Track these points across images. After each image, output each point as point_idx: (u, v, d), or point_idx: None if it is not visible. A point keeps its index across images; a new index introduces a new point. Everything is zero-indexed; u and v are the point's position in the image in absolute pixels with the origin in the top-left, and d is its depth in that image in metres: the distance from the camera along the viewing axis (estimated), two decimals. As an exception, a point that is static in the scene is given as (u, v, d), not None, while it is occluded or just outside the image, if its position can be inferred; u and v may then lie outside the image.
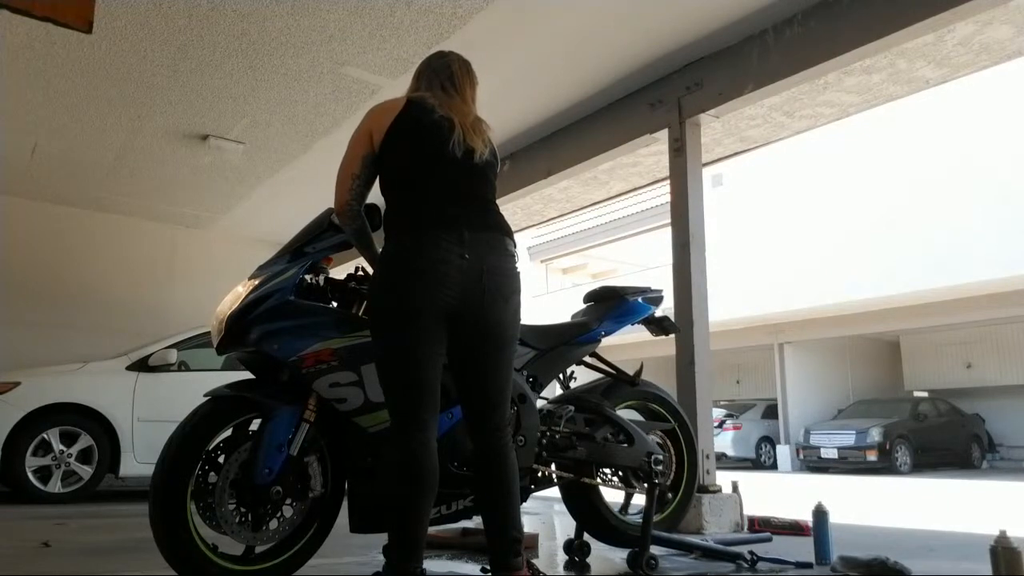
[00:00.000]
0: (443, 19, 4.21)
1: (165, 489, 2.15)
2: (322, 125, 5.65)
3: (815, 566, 2.98)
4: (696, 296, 4.53)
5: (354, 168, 2.21)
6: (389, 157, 2.18)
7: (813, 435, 14.26)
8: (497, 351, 2.10)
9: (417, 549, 1.96)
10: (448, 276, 2.02)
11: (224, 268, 8.15)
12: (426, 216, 2.08)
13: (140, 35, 4.47)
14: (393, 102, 2.25)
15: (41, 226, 7.74)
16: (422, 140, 2.17)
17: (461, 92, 2.33)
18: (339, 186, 2.23)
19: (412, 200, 2.12)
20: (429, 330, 2.02)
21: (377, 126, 2.20)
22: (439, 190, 2.13)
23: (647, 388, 3.16)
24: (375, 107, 2.29)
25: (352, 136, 2.25)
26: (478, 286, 2.05)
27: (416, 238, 2.05)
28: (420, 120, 2.19)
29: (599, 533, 3.01)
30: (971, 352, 16.03)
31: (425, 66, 2.43)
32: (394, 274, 2.04)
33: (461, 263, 2.04)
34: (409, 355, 2.01)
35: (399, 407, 2.03)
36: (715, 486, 4.23)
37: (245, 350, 2.37)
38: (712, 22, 4.36)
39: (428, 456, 1.99)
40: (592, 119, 5.53)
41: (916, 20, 3.72)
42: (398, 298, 2.01)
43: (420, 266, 2.02)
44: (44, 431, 5.38)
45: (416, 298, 2.00)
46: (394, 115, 2.19)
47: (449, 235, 2.05)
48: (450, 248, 2.03)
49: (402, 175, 2.17)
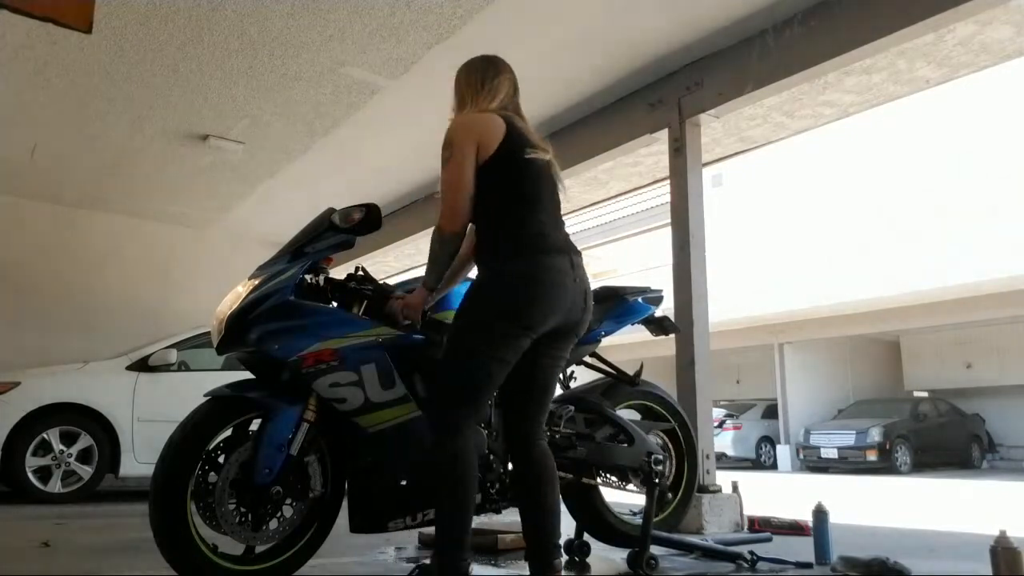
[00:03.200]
0: (443, 19, 4.21)
1: (165, 489, 2.15)
2: (322, 125, 5.64)
3: (815, 566, 2.98)
4: (696, 296, 4.53)
5: (470, 188, 2.17)
6: (498, 174, 2.18)
7: (813, 435, 14.26)
8: (564, 359, 2.28)
9: (467, 544, 2.05)
10: (562, 299, 2.12)
11: (224, 268, 8.13)
12: (543, 239, 2.16)
13: (140, 35, 4.46)
14: (492, 117, 2.23)
15: (41, 226, 7.74)
16: (529, 161, 2.22)
17: (521, 114, 2.38)
18: (455, 209, 2.17)
19: (526, 221, 2.17)
20: (524, 347, 2.11)
21: (484, 141, 2.18)
22: (546, 212, 2.21)
23: (647, 388, 3.16)
24: (471, 120, 2.24)
25: (453, 153, 2.18)
26: (581, 308, 2.19)
27: (539, 262, 2.11)
28: (523, 138, 2.23)
29: (599, 533, 3.02)
30: (971, 352, 16.01)
31: (489, 77, 2.34)
32: (511, 292, 2.09)
33: (573, 287, 2.15)
34: (498, 370, 2.09)
35: (462, 411, 2.09)
36: (715, 486, 4.23)
37: (245, 350, 2.37)
38: (712, 22, 4.36)
39: (473, 455, 2.09)
40: (592, 119, 5.53)
41: (916, 20, 3.71)
42: (513, 317, 2.07)
43: (541, 291, 2.09)
44: (44, 431, 5.38)
45: (530, 319, 2.08)
46: (502, 132, 2.19)
47: (564, 260, 2.15)
48: (566, 272, 2.14)
49: (513, 193, 2.19)
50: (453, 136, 2.20)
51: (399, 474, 2.40)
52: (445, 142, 2.22)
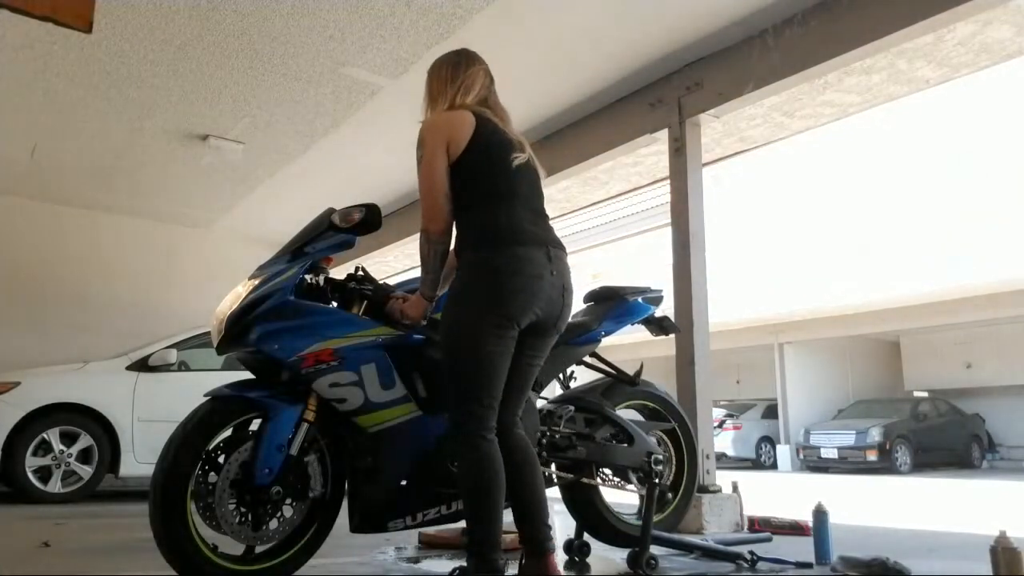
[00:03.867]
0: (443, 19, 4.21)
1: (165, 489, 2.15)
2: (322, 125, 5.64)
3: (815, 566, 2.98)
4: (696, 296, 4.53)
5: (445, 187, 2.19)
6: (470, 171, 2.19)
7: (813, 435, 14.25)
8: (544, 358, 2.30)
9: (501, 542, 2.07)
10: (542, 291, 2.14)
11: (224, 268, 8.12)
12: (520, 232, 2.16)
13: (140, 35, 4.46)
14: (462, 115, 2.23)
15: (41, 226, 7.73)
16: (502, 156, 2.21)
17: (499, 106, 2.37)
18: (434, 209, 2.19)
19: (501, 215, 2.17)
20: (514, 340, 2.13)
21: (454, 139, 2.19)
22: (523, 206, 2.21)
23: (647, 388, 3.16)
24: (440, 119, 2.25)
25: (424, 153, 2.20)
26: (560, 301, 2.20)
27: (514, 254, 2.12)
28: (495, 135, 2.23)
29: (599, 533, 3.01)
30: (971, 352, 16.00)
31: (461, 71, 2.34)
32: (492, 285, 2.10)
33: (551, 279, 2.16)
34: (500, 363, 2.11)
35: (480, 411, 2.09)
36: (715, 486, 4.23)
37: (245, 350, 2.37)
38: (712, 22, 4.36)
39: (499, 453, 2.11)
40: (592, 119, 5.53)
41: (916, 20, 3.72)
42: (496, 309, 2.08)
43: (520, 282, 2.10)
44: (44, 431, 5.38)
45: (514, 310, 2.09)
46: (471, 129, 2.20)
47: (540, 252, 2.16)
48: (543, 265, 2.15)
49: (486, 189, 2.20)
50: (424, 136, 2.22)
51: (399, 474, 2.40)
52: (417, 143, 2.23)
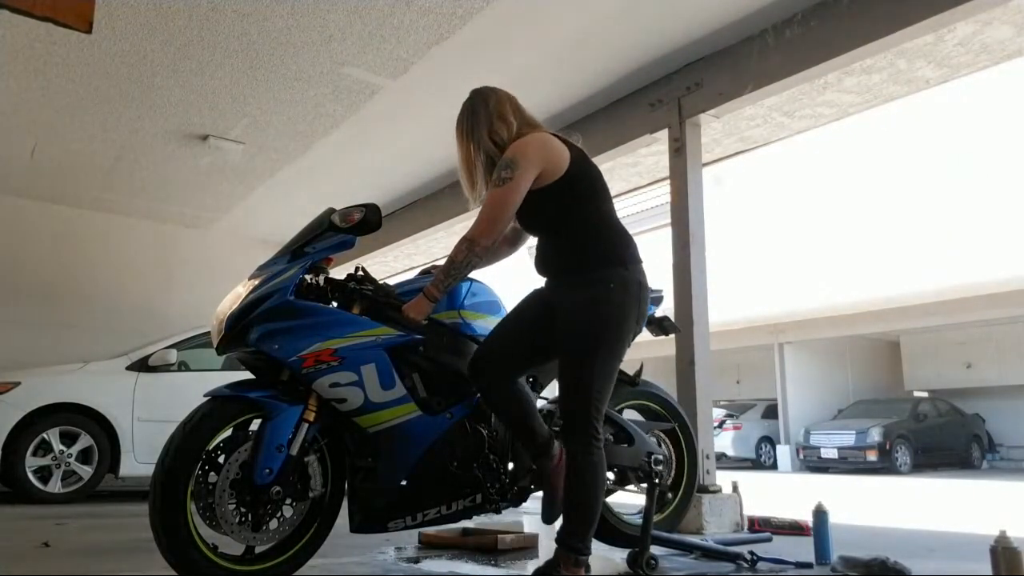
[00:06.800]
0: (443, 19, 4.21)
1: (165, 489, 2.15)
2: (322, 125, 5.64)
3: (815, 566, 2.98)
4: (696, 296, 4.52)
5: (518, 206, 2.25)
6: (587, 192, 2.33)
7: (813, 435, 14.25)
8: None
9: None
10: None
11: (224, 268, 8.14)
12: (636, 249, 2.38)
13: (140, 35, 4.46)
14: (556, 140, 2.33)
15: (41, 226, 7.74)
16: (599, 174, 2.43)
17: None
18: (499, 224, 2.25)
19: (624, 234, 2.37)
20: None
21: (554, 162, 2.27)
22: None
23: (647, 388, 3.16)
24: (538, 141, 2.29)
25: (514, 175, 2.20)
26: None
27: (641, 269, 2.35)
28: (587, 159, 2.42)
29: (599, 533, 3.00)
30: (971, 352, 16.01)
31: (515, 105, 2.44)
32: (641, 304, 2.31)
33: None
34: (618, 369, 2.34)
35: (599, 419, 2.23)
36: (715, 486, 4.23)
37: (245, 350, 2.37)
38: (712, 22, 4.36)
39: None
40: (592, 119, 5.53)
41: (916, 20, 3.72)
42: (636, 327, 2.33)
43: (646, 296, 2.35)
44: (44, 431, 5.38)
45: (641, 327, 2.37)
46: (569, 154, 2.30)
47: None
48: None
49: (607, 208, 2.37)
50: (521, 156, 2.22)
51: (399, 474, 2.40)
52: (509, 161, 2.21)
